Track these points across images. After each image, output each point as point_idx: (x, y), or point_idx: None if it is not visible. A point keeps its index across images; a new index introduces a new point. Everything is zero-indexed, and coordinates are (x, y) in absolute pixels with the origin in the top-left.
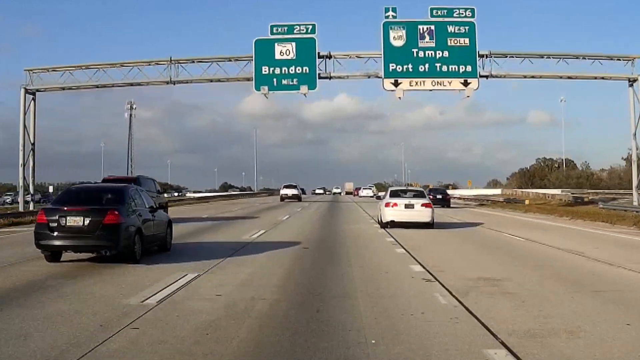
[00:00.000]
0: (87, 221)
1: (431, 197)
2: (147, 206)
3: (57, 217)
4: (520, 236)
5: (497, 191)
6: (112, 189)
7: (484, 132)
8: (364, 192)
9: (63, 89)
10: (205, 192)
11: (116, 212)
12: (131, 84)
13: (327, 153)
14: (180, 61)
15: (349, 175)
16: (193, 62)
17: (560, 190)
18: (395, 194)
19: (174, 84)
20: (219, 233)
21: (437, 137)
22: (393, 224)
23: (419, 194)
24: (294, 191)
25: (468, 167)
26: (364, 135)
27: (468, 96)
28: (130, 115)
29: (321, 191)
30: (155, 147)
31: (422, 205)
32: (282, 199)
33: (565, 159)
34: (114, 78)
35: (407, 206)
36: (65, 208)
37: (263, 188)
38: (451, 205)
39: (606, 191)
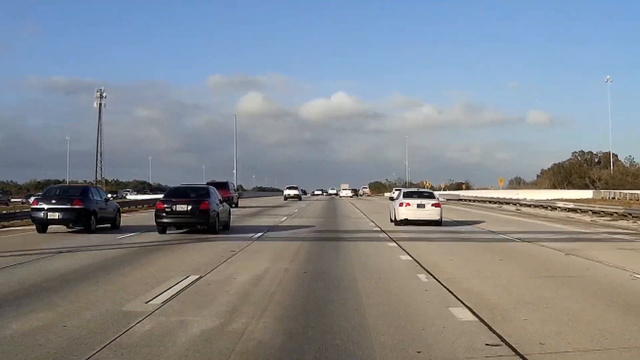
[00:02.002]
0: (189, 207)
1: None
2: (219, 199)
3: (170, 205)
4: None
5: (584, 193)
6: (201, 187)
7: (484, 132)
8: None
9: None
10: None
11: (207, 202)
12: None
13: (325, 153)
14: None
15: (348, 175)
16: None
17: None
18: (408, 195)
19: None
20: None
21: (436, 136)
22: (407, 222)
23: (429, 195)
24: (295, 192)
25: (468, 166)
26: (363, 135)
27: None
28: (100, 105)
29: (320, 192)
30: (148, 146)
31: (433, 205)
32: (286, 198)
33: (609, 153)
34: None
35: (419, 206)
36: (174, 199)
37: (255, 187)
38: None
39: None
